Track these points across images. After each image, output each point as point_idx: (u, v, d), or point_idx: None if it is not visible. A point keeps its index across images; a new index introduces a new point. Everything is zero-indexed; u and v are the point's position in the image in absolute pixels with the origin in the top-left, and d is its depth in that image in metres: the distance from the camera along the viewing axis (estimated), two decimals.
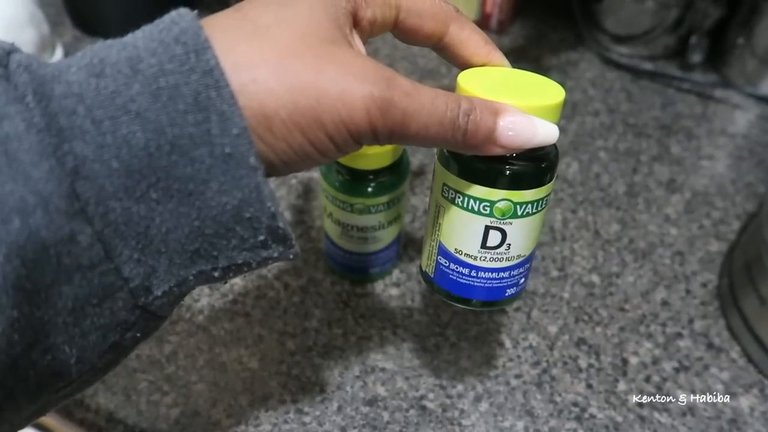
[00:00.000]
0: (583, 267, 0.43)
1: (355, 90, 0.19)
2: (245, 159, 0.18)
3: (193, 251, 0.19)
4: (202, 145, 0.17)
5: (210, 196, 0.18)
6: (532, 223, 0.26)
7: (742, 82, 0.58)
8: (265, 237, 0.19)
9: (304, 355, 0.37)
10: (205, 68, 0.17)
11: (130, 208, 0.17)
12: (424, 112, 0.20)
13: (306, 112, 0.18)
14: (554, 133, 0.23)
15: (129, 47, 0.18)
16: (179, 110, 0.17)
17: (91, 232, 0.17)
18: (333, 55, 0.19)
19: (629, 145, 0.53)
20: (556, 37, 0.65)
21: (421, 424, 0.35)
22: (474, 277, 0.27)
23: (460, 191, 0.25)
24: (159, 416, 0.34)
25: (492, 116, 0.21)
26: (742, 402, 0.36)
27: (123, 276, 0.18)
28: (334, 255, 0.40)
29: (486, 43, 0.25)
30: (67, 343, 0.18)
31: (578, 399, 0.36)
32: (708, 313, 0.41)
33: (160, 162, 0.17)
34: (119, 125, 0.17)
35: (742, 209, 0.48)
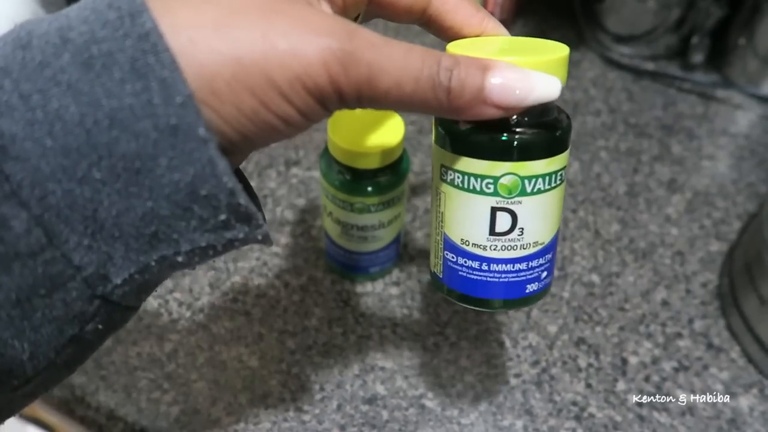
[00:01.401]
0: (583, 267, 0.43)
1: (310, 42, 0.17)
2: (193, 130, 0.16)
3: (150, 235, 0.17)
4: (144, 118, 0.16)
5: (160, 174, 0.16)
6: (546, 202, 0.22)
7: (743, 82, 0.58)
8: (226, 216, 0.17)
9: (304, 354, 0.37)
10: (141, 32, 0.16)
11: (72, 190, 0.16)
12: (395, 66, 0.18)
13: (252, 69, 0.16)
14: (555, 86, 0.20)
15: (61, 18, 0.16)
16: (115, 79, 0.16)
17: (27, 217, 0.16)
18: (285, 11, 0.17)
19: (630, 145, 0.53)
20: (557, 37, 0.64)
21: (421, 423, 0.35)
22: (486, 271, 0.23)
23: (458, 170, 0.22)
24: (159, 414, 0.35)
25: (479, 72, 0.19)
26: (741, 402, 0.36)
27: (73, 264, 0.17)
28: (334, 254, 0.40)
29: (478, 10, 0.23)
30: (15, 337, 0.17)
31: (577, 398, 0.36)
32: (708, 313, 0.41)
33: (100, 138, 0.16)
34: (49, 99, 0.15)
35: (743, 209, 0.48)
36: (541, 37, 0.24)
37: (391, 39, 0.18)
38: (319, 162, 0.37)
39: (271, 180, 0.48)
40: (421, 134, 0.53)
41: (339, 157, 0.34)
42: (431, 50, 0.19)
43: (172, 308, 0.39)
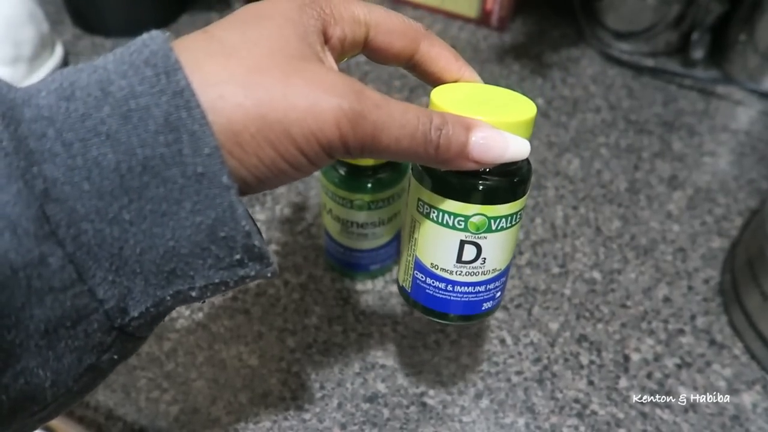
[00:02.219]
0: (585, 264, 0.43)
1: (325, 103, 0.19)
2: (218, 178, 0.18)
3: (168, 271, 0.19)
4: (173, 166, 0.17)
5: (184, 216, 0.18)
6: (506, 237, 0.26)
7: (744, 78, 0.57)
8: (241, 256, 0.19)
9: (304, 352, 0.37)
10: (176, 89, 0.17)
11: (102, 230, 0.17)
12: (395, 125, 0.20)
13: (275, 125, 0.18)
14: (526, 148, 0.23)
15: (99, 70, 0.18)
16: (150, 131, 0.17)
17: (62, 255, 0.17)
18: (301, 71, 0.19)
19: (631, 142, 0.53)
20: (557, 34, 0.65)
21: (422, 421, 0.34)
22: (450, 291, 0.26)
23: (434, 206, 0.25)
24: (158, 413, 0.34)
25: (464, 131, 0.22)
26: (744, 398, 0.36)
27: (97, 298, 0.18)
28: (334, 252, 0.40)
29: (457, 59, 0.25)
30: (40, 366, 0.18)
31: (579, 396, 0.36)
32: (710, 309, 0.40)
33: (132, 183, 0.17)
34: (89, 147, 0.17)
35: (745, 205, 0.47)
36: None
37: (389, 98, 0.20)
38: None
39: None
40: None
41: None
42: (423, 109, 0.21)
43: None
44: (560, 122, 0.54)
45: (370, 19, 0.23)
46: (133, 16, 0.61)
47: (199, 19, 0.64)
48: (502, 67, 0.60)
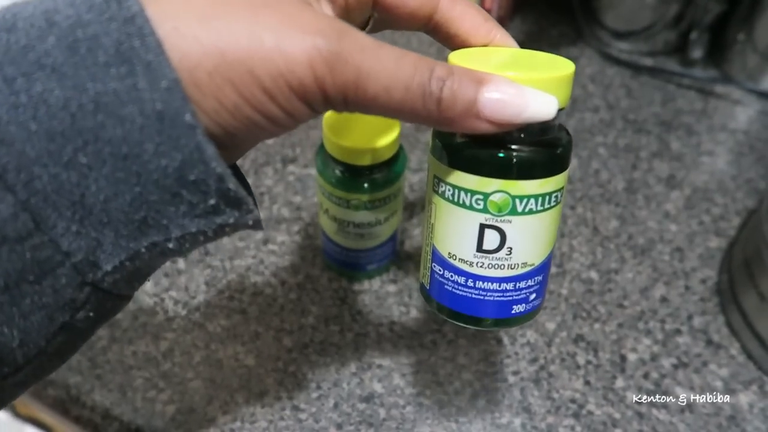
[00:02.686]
0: (582, 263, 0.43)
1: (297, 40, 0.16)
2: (180, 117, 0.16)
3: (139, 221, 0.17)
4: (129, 103, 0.16)
5: (147, 159, 0.16)
6: (538, 223, 0.21)
7: (742, 77, 0.57)
8: (216, 201, 0.17)
9: (301, 352, 0.37)
10: (127, 15, 0.15)
11: (58, 175, 0.16)
12: (384, 72, 0.17)
13: (236, 64, 0.16)
14: (551, 106, 0.19)
15: (47, 1, 0.16)
16: (99, 63, 0.15)
17: (14, 201, 0.16)
18: (275, 6, 0.17)
19: (629, 141, 0.53)
20: (555, 33, 0.65)
21: (418, 421, 0.34)
22: (471, 288, 0.23)
23: (449, 182, 0.21)
24: (155, 413, 0.34)
25: (473, 85, 0.19)
26: (741, 399, 0.36)
27: (62, 250, 0.17)
28: (330, 251, 0.40)
29: (486, 20, 0.22)
30: (4, 323, 0.17)
31: (576, 396, 0.36)
32: (707, 309, 0.40)
33: (85, 123, 0.16)
34: (33, 82, 0.15)
35: (742, 205, 0.47)
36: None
37: (384, 43, 0.18)
38: (315, 159, 0.36)
39: (268, 177, 0.48)
40: (418, 131, 0.53)
41: (335, 154, 0.34)
42: (425, 58, 0.18)
43: (168, 306, 0.39)
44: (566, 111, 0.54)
45: None
46: None
47: None
48: None
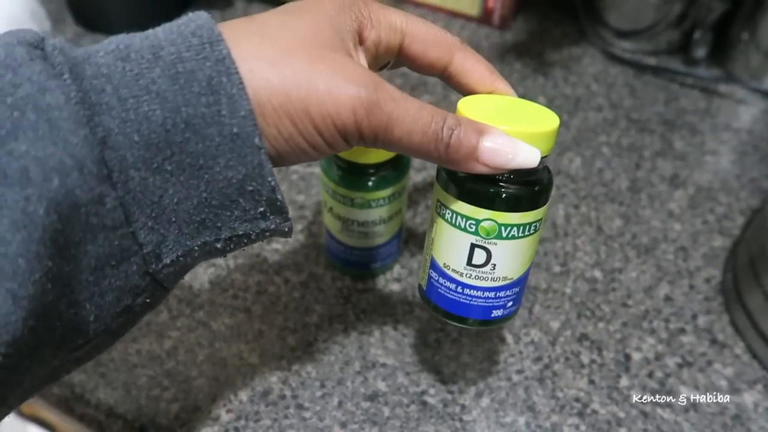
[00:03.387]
0: (586, 262, 0.43)
1: (344, 89, 0.20)
2: (250, 138, 0.20)
3: (199, 222, 0.21)
4: (212, 125, 0.19)
5: (218, 171, 0.20)
6: (518, 247, 0.26)
7: (746, 76, 0.57)
8: (264, 208, 0.21)
9: (305, 351, 0.37)
10: (218, 57, 0.19)
11: (147, 178, 0.19)
12: (408, 119, 0.22)
13: (296, 103, 0.20)
14: (535, 156, 0.23)
15: (151, 37, 0.20)
16: (194, 92, 0.19)
17: (115, 196, 0.19)
18: (327, 58, 0.21)
19: (632, 141, 0.53)
20: (558, 33, 0.65)
21: (422, 420, 0.34)
22: (460, 293, 0.27)
23: (449, 207, 0.26)
24: (159, 411, 0.34)
25: (476, 134, 0.23)
26: (746, 398, 0.36)
27: (138, 241, 0.20)
28: (334, 250, 0.40)
29: (491, 72, 0.26)
30: (87, 300, 0.19)
31: (580, 395, 0.36)
32: (712, 308, 0.40)
33: (175, 138, 0.19)
34: (141, 103, 0.19)
35: (747, 205, 0.47)
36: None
37: (408, 95, 0.22)
38: None
39: None
40: None
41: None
42: (439, 110, 0.23)
43: (172, 305, 0.39)
44: (562, 121, 0.54)
45: (406, 27, 0.24)
46: (135, 15, 0.61)
47: None
48: (503, 65, 0.60)
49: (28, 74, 0.18)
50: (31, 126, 0.17)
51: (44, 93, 0.18)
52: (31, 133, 0.17)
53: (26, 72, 0.18)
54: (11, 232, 0.17)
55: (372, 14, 0.24)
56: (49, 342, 0.19)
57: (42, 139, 0.17)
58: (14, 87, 0.17)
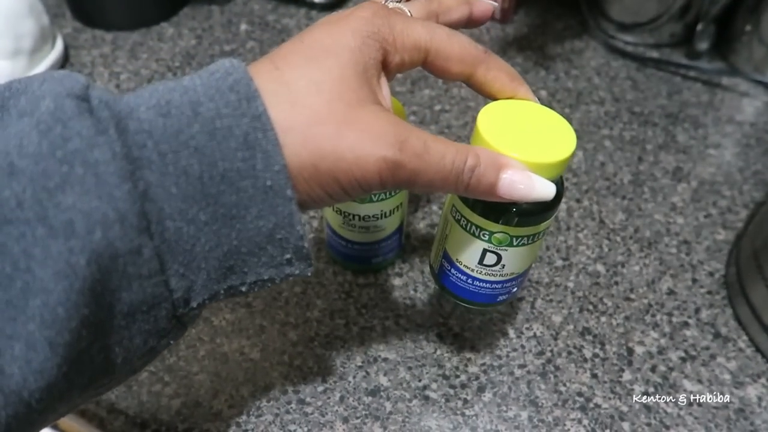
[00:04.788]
0: (588, 256, 0.43)
1: (370, 155, 0.21)
2: (283, 191, 0.21)
3: (227, 267, 0.22)
4: (247, 178, 0.20)
5: (249, 220, 0.21)
6: (526, 251, 0.28)
7: (749, 69, 0.57)
8: (290, 255, 0.22)
9: (306, 346, 0.37)
10: (255, 113, 0.20)
11: (181, 228, 0.20)
12: (431, 170, 0.22)
13: (325, 173, 0.21)
14: (551, 192, 0.24)
15: (190, 92, 0.20)
16: (230, 147, 0.20)
17: (152, 247, 0.19)
18: (355, 121, 0.21)
19: (635, 134, 0.52)
20: (560, 26, 0.64)
21: (424, 414, 0.34)
22: (470, 284, 0.30)
23: (464, 215, 0.27)
24: (160, 407, 0.34)
25: (495, 171, 0.23)
26: (749, 392, 0.36)
27: (170, 288, 0.20)
28: (335, 245, 0.40)
29: (512, 80, 0.26)
30: (117, 344, 0.20)
31: (583, 389, 0.36)
32: (715, 302, 0.40)
33: (211, 190, 0.20)
34: (180, 158, 0.20)
35: (750, 198, 0.47)
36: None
37: (431, 142, 0.22)
38: None
39: None
40: (423, 124, 0.52)
41: None
42: (461, 149, 0.23)
43: None
44: (564, 114, 0.54)
45: (431, 45, 0.24)
46: (134, 10, 0.61)
47: (200, 13, 0.63)
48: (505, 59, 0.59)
49: (78, 129, 0.18)
50: (79, 180, 0.18)
51: (92, 149, 0.18)
52: (79, 187, 0.18)
53: (76, 126, 0.18)
54: (54, 282, 0.17)
55: (396, 38, 0.24)
56: (78, 385, 0.20)
57: (88, 193, 0.18)
58: (64, 141, 0.18)
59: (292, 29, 0.62)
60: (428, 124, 0.52)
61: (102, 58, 0.58)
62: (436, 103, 0.54)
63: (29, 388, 0.18)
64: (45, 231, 0.17)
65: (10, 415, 0.18)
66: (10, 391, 0.17)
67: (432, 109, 0.54)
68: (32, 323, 0.17)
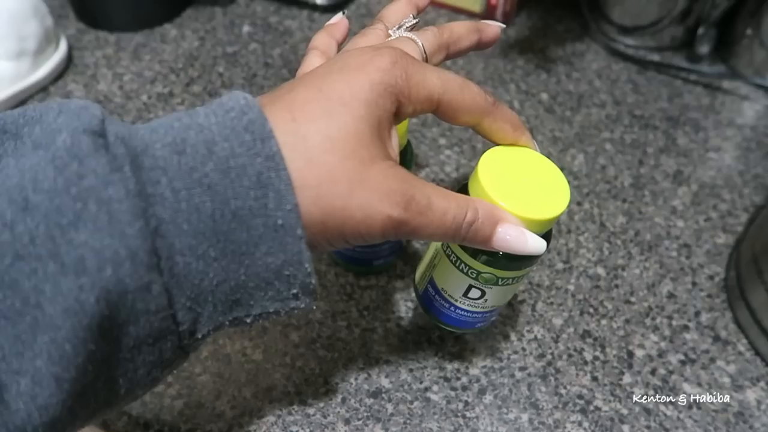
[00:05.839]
0: (589, 259, 0.43)
1: (377, 213, 0.22)
2: (294, 229, 0.21)
3: (234, 300, 0.22)
4: (258, 216, 0.20)
5: (258, 257, 0.21)
6: (509, 289, 0.29)
7: (750, 72, 0.57)
8: (297, 290, 0.23)
9: (308, 347, 0.37)
10: (269, 153, 0.21)
11: (190, 263, 0.20)
12: (432, 226, 0.23)
13: (332, 228, 0.22)
14: (542, 247, 0.25)
15: (206, 131, 0.21)
16: (244, 186, 0.20)
17: (161, 283, 0.19)
18: (366, 179, 0.22)
19: (635, 137, 0.52)
20: (561, 28, 0.64)
21: (426, 416, 0.34)
22: (452, 311, 0.31)
23: (455, 252, 0.28)
24: (163, 407, 0.35)
25: (492, 226, 0.25)
26: (749, 395, 0.36)
27: (176, 321, 0.21)
28: None
29: (515, 130, 0.27)
30: (122, 376, 0.20)
31: (583, 391, 0.36)
32: (715, 305, 0.40)
33: (222, 227, 0.20)
34: (193, 195, 0.20)
35: (750, 201, 0.47)
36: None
37: (434, 198, 0.23)
38: None
39: None
40: (425, 127, 0.53)
41: None
42: (461, 202, 0.24)
43: None
44: (565, 117, 0.54)
45: (442, 97, 0.25)
46: (137, 11, 0.61)
47: (203, 15, 0.64)
48: (506, 61, 0.60)
49: (93, 166, 0.18)
50: (92, 217, 0.18)
51: (107, 186, 0.18)
52: (91, 225, 0.18)
53: (91, 164, 0.18)
54: (62, 319, 0.17)
55: (411, 91, 0.24)
56: (81, 416, 0.20)
57: (100, 231, 0.18)
58: (79, 178, 0.18)
59: (294, 31, 0.62)
60: (430, 126, 0.53)
61: (105, 59, 0.58)
62: None
63: (33, 424, 0.18)
64: (56, 268, 0.17)
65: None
66: (14, 426, 0.18)
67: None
68: (39, 359, 0.17)
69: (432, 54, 0.28)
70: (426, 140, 0.51)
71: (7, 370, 0.17)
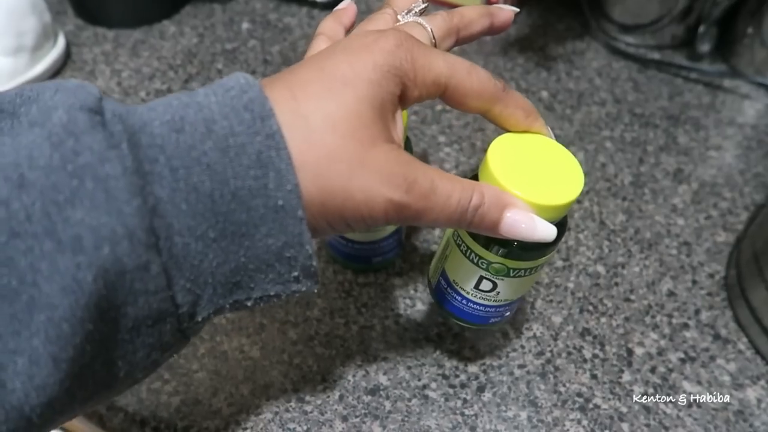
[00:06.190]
0: (588, 257, 0.43)
1: (378, 195, 0.21)
2: (294, 211, 0.21)
3: (234, 283, 0.21)
4: (258, 197, 0.20)
5: (258, 239, 0.21)
6: (522, 282, 0.28)
7: (750, 71, 0.57)
8: (298, 273, 0.22)
9: (306, 345, 0.37)
10: (269, 132, 0.20)
11: (189, 244, 0.20)
12: (436, 210, 0.23)
13: (332, 209, 0.22)
14: (552, 234, 0.24)
15: (205, 109, 0.20)
16: (243, 165, 0.20)
17: (160, 263, 0.19)
18: (367, 161, 0.21)
19: (636, 135, 0.52)
20: (562, 27, 0.64)
21: (424, 414, 0.34)
22: (464, 304, 0.30)
23: (467, 244, 0.27)
24: (160, 404, 0.34)
25: (499, 210, 0.24)
26: (749, 393, 0.36)
27: (176, 302, 0.20)
28: (336, 244, 0.40)
29: (527, 116, 0.26)
30: (120, 358, 0.20)
31: (582, 389, 0.36)
32: (715, 304, 0.40)
33: (221, 208, 0.20)
34: (191, 174, 0.19)
35: (750, 200, 0.47)
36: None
37: (438, 181, 0.23)
38: None
39: None
40: (424, 124, 0.52)
41: None
42: (467, 187, 0.23)
43: None
44: (565, 115, 0.54)
45: (450, 81, 0.24)
46: (136, 7, 0.61)
47: (202, 11, 0.63)
48: (506, 59, 0.60)
49: (89, 143, 0.18)
50: (89, 195, 0.18)
51: (103, 163, 0.18)
52: (88, 202, 0.18)
53: (87, 140, 0.18)
54: (59, 297, 0.17)
55: (417, 73, 0.23)
56: (79, 398, 0.19)
57: (97, 208, 0.18)
58: (75, 155, 0.18)
59: (293, 28, 0.62)
60: (429, 124, 0.52)
61: (104, 55, 0.58)
62: (438, 102, 0.54)
63: (31, 404, 0.18)
64: (53, 245, 0.17)
65: (10, 429, 0.18)
66: (11, 406, 0.17)
67: (433, 109, 0.54)
68: (36, 338, 0.17)
69: (441, 39, 0.27)
70: (425, 138, 0.51)
71: (4, 350, 0.17)
